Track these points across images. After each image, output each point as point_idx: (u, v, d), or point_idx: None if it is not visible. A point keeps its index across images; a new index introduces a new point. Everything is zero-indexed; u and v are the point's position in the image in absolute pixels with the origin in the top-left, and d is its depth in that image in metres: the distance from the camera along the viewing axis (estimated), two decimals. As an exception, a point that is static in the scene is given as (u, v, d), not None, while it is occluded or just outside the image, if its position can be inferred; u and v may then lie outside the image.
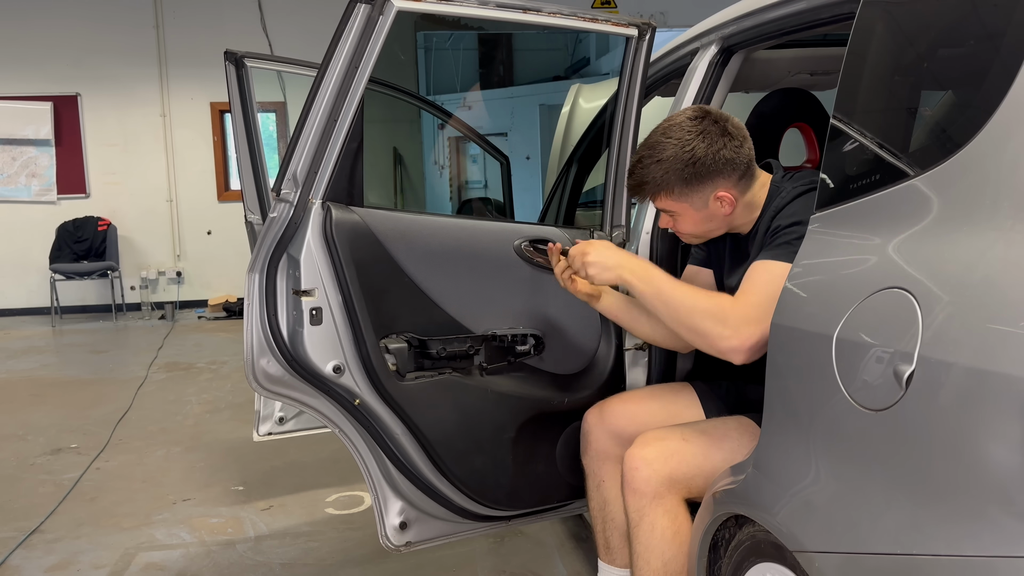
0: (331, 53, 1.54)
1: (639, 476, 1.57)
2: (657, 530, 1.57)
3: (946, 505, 0.94)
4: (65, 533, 2.75)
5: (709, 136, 1.57)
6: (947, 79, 1.21)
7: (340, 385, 1.66)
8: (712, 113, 1.61)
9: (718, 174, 1.58)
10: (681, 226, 1.68)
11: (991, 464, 0.89)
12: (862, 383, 1.07)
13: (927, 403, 0.96)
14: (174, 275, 8.09)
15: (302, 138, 1.57)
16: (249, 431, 3.48)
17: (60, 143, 7.77)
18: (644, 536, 1.59)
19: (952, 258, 1.00)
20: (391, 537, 1.81)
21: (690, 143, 1.56)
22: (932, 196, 1.07)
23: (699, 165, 1.56)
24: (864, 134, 1.22)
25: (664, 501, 1.57)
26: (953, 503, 0.93)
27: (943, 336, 0.95)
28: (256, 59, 2.81)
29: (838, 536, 1.09)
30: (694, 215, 1.64)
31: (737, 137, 1.60)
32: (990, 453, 0.89)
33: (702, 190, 1.59)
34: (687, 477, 1.57)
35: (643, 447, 1.60)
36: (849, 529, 1.07)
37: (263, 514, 2.88)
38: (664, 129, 1.61)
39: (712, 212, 1.62)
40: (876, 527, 1.02)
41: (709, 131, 1.57)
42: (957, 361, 0.93)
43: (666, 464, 1.57)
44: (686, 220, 1.65)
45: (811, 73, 2.34)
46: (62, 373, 5.47)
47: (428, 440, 1.74)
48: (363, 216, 1.65)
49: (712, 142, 1.56)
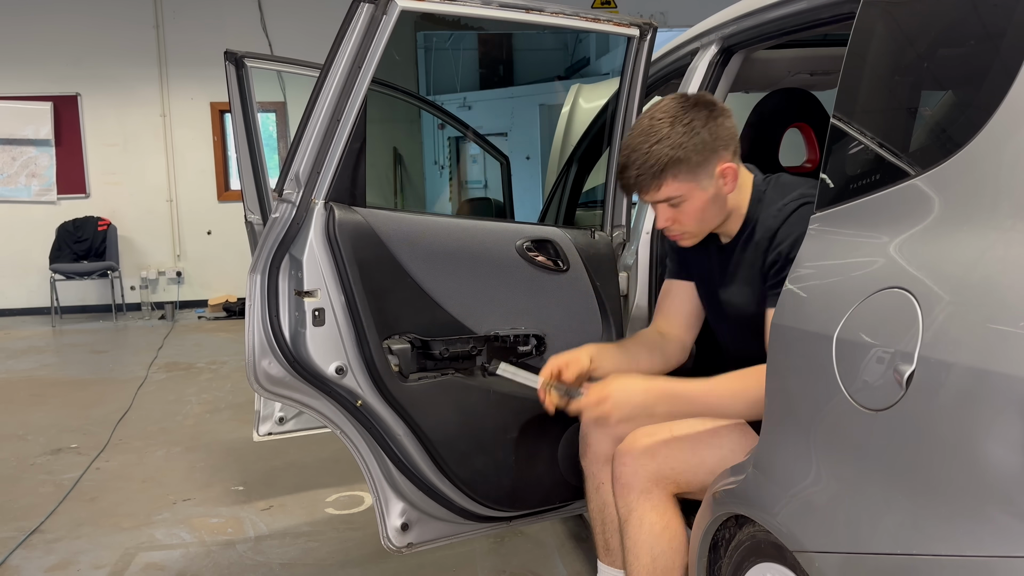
0: (334, 53, 1.55)
1: (627, 471, 1.59)
2: (645, 525, 1.58)
3: (946, 505, 0.94)
4: (65, 533, 2.76)
5: (701, 109, 1.53)
6: (947, 79, 1.21)
7: (342, 386, 1.66)
8: (692, 94, 1.59)
9: (720, 144, 1.53)
10: (685, 217, 1.57)
11: (991, 464, 0.89)
12: (862, 383, 1.07)
13: (927, 403, 0.97)
14: (174, 275, 8.09)
15: (304, 138, 1.57)
16: (249, 431, 3.49)
17: (60, 143, 7.78)
18: (633, 531, 1.60)
19: (952, 258, 1.00)
20: (393, 538, 1.82)
21: (686, 115, 1.52)
22: (932, 196, 1.07)
23: (704, 133, 1.50)
24: (864, 134, 1.22)
25: (652, 496, 1.58)
26: (953, 503, 0.93)
27: (943, 336, 0.96)
28: (256, 59, 2.81)
29: (838, 536, 1.09)
30: (702, 196, 1.54)
31: (724, 110, 1.56)
32: (990, 453, 0.89)
33: (708, 165, 1.52)
34: (675, 472, 1.58)
35: (632, 443, 1.62)
36: (849, 529, 1.07)
37: (263, 514, 2.89)
38: (650, 115, 1.55)
39: (718, 191, 1.55)
40: (876, 527, 1.03)
41: (698, 105, 1.54)
42: (957, 361, 0.93)
43: (653, 459, 1.58)
44: (693, 206, 1.55)
45: (811, 73, 2.35)
46: (62, 373, 5.48)
47: (430, 441, 1.75)
48: (366, 216, 1.66)
49: (708, 113, 1.53)
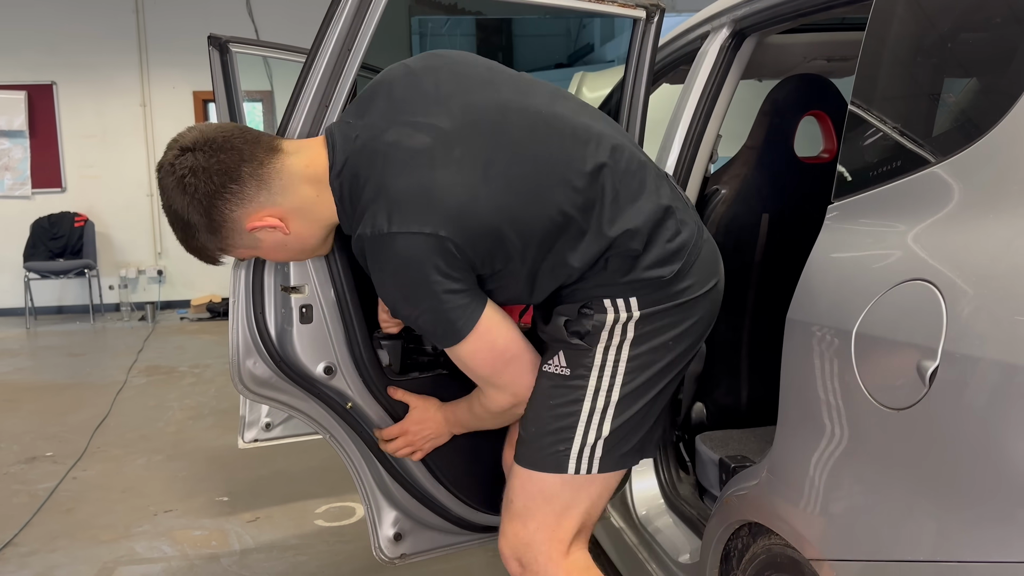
0: (321, 36, 1.54)
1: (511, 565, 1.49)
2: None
3: (973, 509, 0.94)
4: (40, 546, 2.76)
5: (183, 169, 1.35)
6: (970, 63, 1.21)
7: (331, 387, 1.66)
8: None
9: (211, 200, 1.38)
10: None
11: (1020, 465, 0.89)
12: (883, 380, 1.07)
13: (952, 401, 0.97)
14: (155, 274, 8.10)
15: (291, 128, 1.57)
16: (234, 438, 3.48)
17: (34, 134, 7.78)
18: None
19: (977, 248, 1.00)
20: (385, 549, 1.81)
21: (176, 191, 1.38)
22: (955, 184, 1.07)
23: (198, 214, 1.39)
24: (884, 121, 1.22)
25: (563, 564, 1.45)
26: (980, 507, 0.93)
27: (968, 330, 0.96)
28: (241, 44, 2.81)
29: (858, 543, 1.09)
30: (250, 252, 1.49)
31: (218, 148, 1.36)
32: (1019, 453, 0.89)
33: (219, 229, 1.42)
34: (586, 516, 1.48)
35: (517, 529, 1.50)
36: (870, 535, 1.07)
37: (249, 526, 2.88)
38: None
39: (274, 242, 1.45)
40: (898, 533, 1.03)
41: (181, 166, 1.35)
42: (983, 356, 0.93)
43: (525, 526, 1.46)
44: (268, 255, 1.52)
45: (828, 59, 2.35)
46: (37, 377, 5.47)
47: (424, 445, 1.75)
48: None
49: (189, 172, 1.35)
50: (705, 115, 2.03)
